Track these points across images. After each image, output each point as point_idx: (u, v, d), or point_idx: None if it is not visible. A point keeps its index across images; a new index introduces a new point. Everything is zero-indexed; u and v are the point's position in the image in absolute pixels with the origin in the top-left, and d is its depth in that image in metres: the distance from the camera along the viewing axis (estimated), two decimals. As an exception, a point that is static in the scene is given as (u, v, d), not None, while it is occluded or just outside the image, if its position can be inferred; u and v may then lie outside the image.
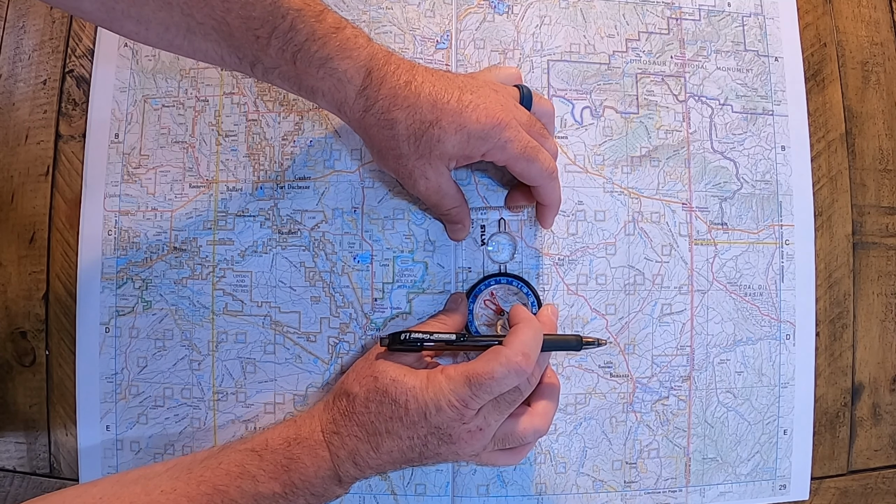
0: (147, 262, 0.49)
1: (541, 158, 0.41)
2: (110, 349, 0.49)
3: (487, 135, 0.40)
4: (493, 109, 0.40)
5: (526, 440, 0.41)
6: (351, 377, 0.41)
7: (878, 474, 0.53)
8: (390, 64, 0.39)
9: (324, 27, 0.38)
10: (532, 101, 0.44)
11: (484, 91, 0.41)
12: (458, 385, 0.38)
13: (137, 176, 0.50)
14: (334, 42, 0.38)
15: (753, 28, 0.53)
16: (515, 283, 0.48)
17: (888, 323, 0.53)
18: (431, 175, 0.42)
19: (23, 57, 0.53)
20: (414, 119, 0.39)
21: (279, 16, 0.37)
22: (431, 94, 0.39)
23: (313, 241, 0.48)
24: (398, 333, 0.42)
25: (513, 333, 0.40)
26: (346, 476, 0.39)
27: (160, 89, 0.50)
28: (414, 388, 0.39)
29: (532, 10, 0.51)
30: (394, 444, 0.39)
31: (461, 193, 0.46)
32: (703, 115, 0.51)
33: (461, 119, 0.39)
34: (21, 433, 0.51)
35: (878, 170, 0.54)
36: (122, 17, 0.37)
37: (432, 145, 0.40)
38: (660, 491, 0.49)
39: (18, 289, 0.51)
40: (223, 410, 0.48)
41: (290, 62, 0.38)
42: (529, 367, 0.39)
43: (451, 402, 0.38)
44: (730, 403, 0.50)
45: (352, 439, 0.39)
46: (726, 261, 0.50)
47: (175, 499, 0.36)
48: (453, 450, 0.39)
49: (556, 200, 0.45)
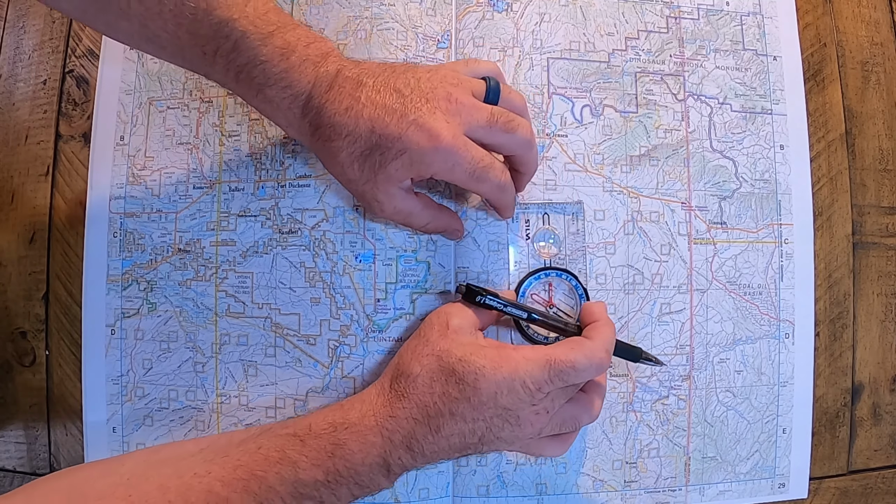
0: (152, 264, 0.49)
1: (490, 177, 0.40)
2: (116, 351, 0.49)
3: (430, 159, 0.38)
4: (435, 129, 0.37)
5: (580, 423, 0.42)
6: (407, 357, 0.40)
7: (878, 474, 0.53)
8: (333, 89, 0.38)
9: (268, 51, 0.38)
10: (499, 94, 0.42)
11: (434, 100, 0.38)
12: (535, 368, 0.38)
13: (142, 178, 0.50)
14: (276, 69, 0.38)
15: (752, 27, 0.53)
16: (565, 277, 0.47)
17: (888, 323, 0.53)
18: (382, 198, 0.41)
19: (23, 57, 0.53)
20: (355, 147, 0.38)
21: (223, 36, 0.37)
22: (371, 117, 0.38)
23: (314, 241, 0.48)
24: (475, 291, 0.42)
25: (595, 329, 0.41)
26: (395, 465, 0.38)
27: (165, 91, 0.50)
28: (484, 367, 0.38)
29: (531, 7, 0.51)
30: (456, 427, 0.38)
31: (430, 206, 0.44)
32: (702, 114, 0.51)
33: (401, 143, 0.37)
34: (21, 433, 0.51)
35: (878, 170, 0.54)
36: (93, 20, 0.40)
37: (376, 170, 0.39)
38: (660, 490, 0.49)
39: (18, 289, 0.51)
40: (226, 413, 0.48)
41: (234, 81, 0.39)
42: (608, 364, 0.40)
43: (525, 384, 0.38)
44: (729, 402, 0.50)
45: (409, 422, 0.38)
46: (725, 260, 0.50)
47: (209, 482, 0.35)
48: (516, 433, 0.39)
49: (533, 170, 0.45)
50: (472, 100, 0.40)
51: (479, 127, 0.39)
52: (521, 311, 0.43)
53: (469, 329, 0.41)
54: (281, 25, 0.38)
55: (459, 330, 0.41)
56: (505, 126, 0.40)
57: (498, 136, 0.40)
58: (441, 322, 0.41)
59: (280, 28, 0.38)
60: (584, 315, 0.44)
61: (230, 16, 0.37)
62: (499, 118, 0.40)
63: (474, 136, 0.40)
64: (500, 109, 0.41)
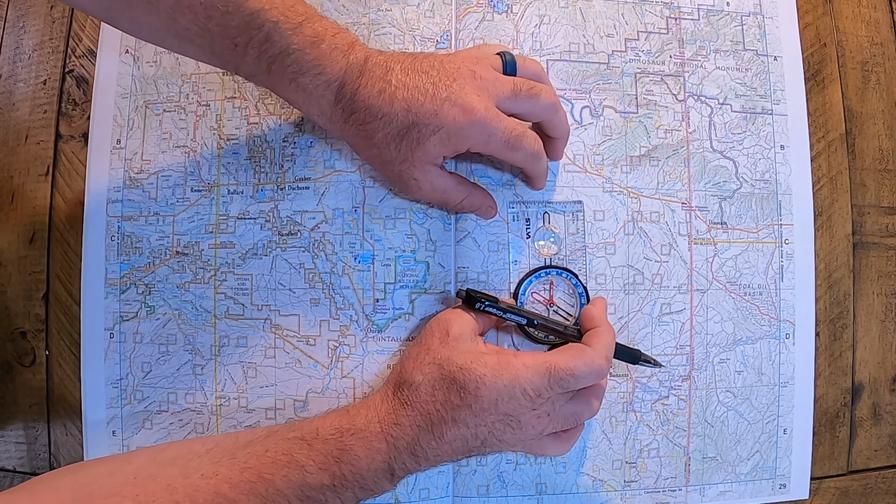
0: (150, 267, 0.49)
1: (524, 145, 0.42)
2: (115, 354, 0.49)
3: (467, 132, 0.40)
4: (469, 103, 0.39)
5: (582, 419, 0.43)
6: (409, 365, 0.41)
7: (878, 474, 0.53)
8: (364, 74, 0.40)
9: (300, 40, 0.39)
10: (516, 66, 0.44)
11: (461, 79, 0.40)
12: (535, 375, 0.39)
13: (139, 181, 0.50)
14: (309, 57, 0.39)
15: (752, 27, 0.53)
16: (565, 276, 0.48)
17: (888, 323, 0.53)
18: (419, 176, 0.42)
19: (23, 57, 0.53)
20: (391, 127, 0.40)
21: (255, 27, 0.38)
22: (405, 98, 0.39)
23: (313, 242, 0.48)
24: (475, 297, 0.43)
25: (596, 335, 0.42)
26: (399, 469, 0.39)
27: (161, 94, 0.50)
28: (484, 375, 0.39)
29: (531, 9, 0.51)
30: (458, 433, 0.39)
31: (464, 183, 0.45)
32: (702, 114, 0.51)
33: (437, 119, 0.39)
34: (21, 433, 0.51)
35: (878, 170, 0.54)
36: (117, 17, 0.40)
37: (413, 148, 0.40)
38: (660, 490, 0.49)
39: (18, 289, 0.51)
40: (226, 415, 0.48)
41: (266, 72, 0.40)
42: (608, 371, 0.41)
43: (525, 391, 0.39)
44: (729, 403, 0.50)
45: (413, 429, 0.38)
46: (726, 260, 0.50)
47: (216, 484, 0.35)
48: (518, 436, 0.40)
49: (565, 133, 0.46)
50: (495, 73, 0.42)
51: (505, 98, 0.41)
52: (520, 318, 0.44)
53: (469, 336, 0.42)
54: (308, 16, 0.39)
55: (459, 337, 0.41)
56: (528, 93, 0.42)
57: (524, 104, 0.42)
58: (441, 330, 0.42)
59: (308, 18, 0.39)
60: (583, 319, 0.44)
61: (261, 6, 0.38)
62: (521, 87, 0.42)
63: (502, 106, 0.42)
64: (521, 79, 0.43)
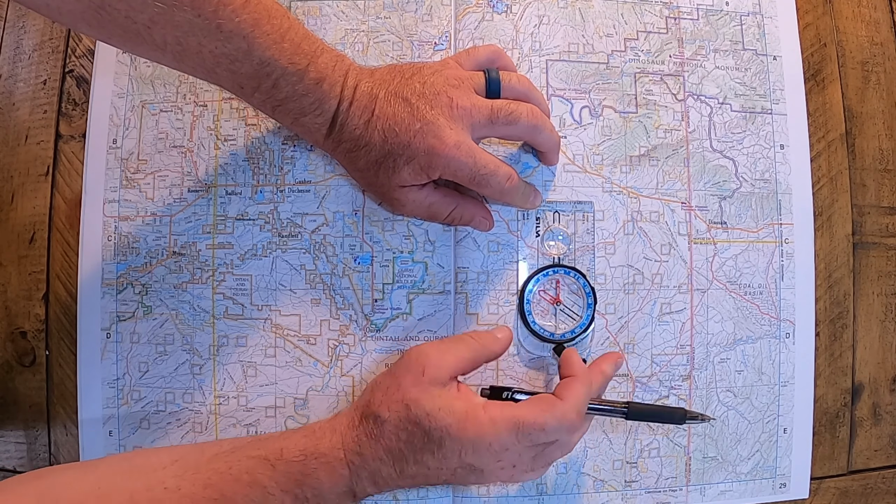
0: (147, 268, 0.49)
1: (492, 183, 0.42)
2: (112, 354, 0.49)
3: (434, 164, 0.41)
4: (439, 136, 0.40)
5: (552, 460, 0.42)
6: (378, 397, 0.40)
7: (878, 474, 0.53)
8: (353, 105, 0.41)
9: (304, 86, 0.40)
10: (500, 86, 0.44)
11: (437, 107, 0.41)
12: (503, 430, 0.38)
13: (136, 181, 0.50)
14: (310, 99, 0.40)
15: (752, 27, 0.53)
16: (573, 275, 0.48)
17: (888, 323, 0.53)
18: (400, 196, 0.44)
19: (23, 57, 0.53)
20: (371, 155, 0.42)
21: (264, 75, 0.39)
22: (383, 128, 0.41)
23: (314, 244, 0.48)
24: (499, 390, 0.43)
25: (568, 388, 0.40)
26: (361, 493, 0.39)
27: (158, 95, 0.50)
28: (449, 426, 0.38)
29: (531, 9, 0.51)
30: (419, 471, 0.39)
31: (451, 195, 0.46)
32: (701, 113, 0.51)
33: (409, 151, 0.41)
34: (21, 433, 0.51)
35: (878, 170, 0.54)
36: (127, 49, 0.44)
37: (390, 175, 0.42)
38: (660, 490, 0.49)
39: (18, 289, 0.51)
40: (224, 415, 0.48)
41: (270, 111, 0.42)
42: (580, 425, 0.40)
43: (490, 446, 0.38)
44: (730, 402, 0.50)
45: (376, 462, 0.38)
46: (726, 260, 0.50)
47: (178, 499, 0.35)
48: (481, 481, 0.40)
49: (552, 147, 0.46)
50: (473, 100, 0.42)
51: (481, 126, 0.42)
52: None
53: (443, 379, 0.40)
54: (313, 56, 0.40)
55: (434, 380, 0.40)
56: (506, 119, 0.42)
57: (501, 130, 0.43)
58: (417, 367, 0.40)
59: (313, 59, 0.40)
60: (561, 365, 0.43)
61: (270, 56, 0.38)
62: (499, 113, 0.42)
63: (479, 133, 0.43)
64: (500, 103, 0.43)
